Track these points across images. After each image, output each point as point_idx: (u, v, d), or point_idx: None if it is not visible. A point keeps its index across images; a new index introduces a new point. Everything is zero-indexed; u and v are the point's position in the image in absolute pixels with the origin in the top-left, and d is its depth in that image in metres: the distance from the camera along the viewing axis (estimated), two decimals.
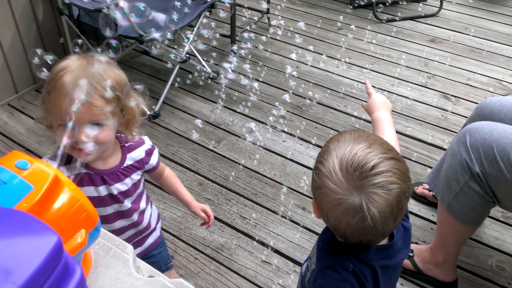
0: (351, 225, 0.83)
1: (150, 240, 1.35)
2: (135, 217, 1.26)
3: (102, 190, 1.16)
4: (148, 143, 1.25)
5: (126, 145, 1.20)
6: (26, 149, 2.37)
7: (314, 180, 0.90)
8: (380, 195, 0.81)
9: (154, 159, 1.25)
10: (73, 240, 0.69)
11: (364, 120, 2.63)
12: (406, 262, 1.81)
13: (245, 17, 3.45)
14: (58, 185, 0.69)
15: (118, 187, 1.18)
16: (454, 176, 1.54)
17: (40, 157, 2.28)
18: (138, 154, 1.22)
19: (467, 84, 2.96)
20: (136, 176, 1.21)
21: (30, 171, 0.68)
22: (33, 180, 0.67)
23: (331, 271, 0.91)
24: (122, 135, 1.19)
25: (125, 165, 1.18)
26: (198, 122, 2.55)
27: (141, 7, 1.39)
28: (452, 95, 2.86)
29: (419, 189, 2.15)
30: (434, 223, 2.03)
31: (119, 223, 1.23)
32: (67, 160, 1.11)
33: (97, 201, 1.15)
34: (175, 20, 2.21)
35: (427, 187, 2.12)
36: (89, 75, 1.02)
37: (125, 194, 1.20)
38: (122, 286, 0.75)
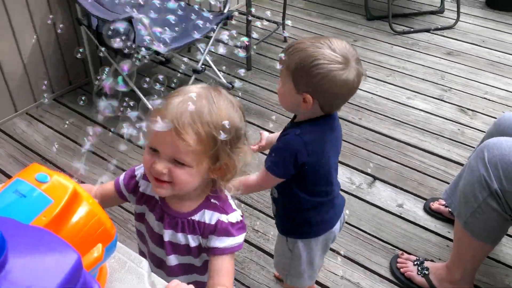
0: (344, 94, 1.22)
1: None
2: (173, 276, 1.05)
3: (156, 226, 1.04)
4: (235, 216, 1.00)
5: (212, 200, 1.00)
6: (42, 158, 2.40)
7: (316, 74, 1.13)
8: (361, 69, 1.22)
9: (221, 241, 0.97)
10: (89, 255, 0.69)
11: (379, 133, 2.61)
12: (422, 280, 1.78)
13: (260, 28, 3.47)
14: (77, 198, 0.70)
15: (171, 235, 1.02)
16: (472, 192, 1.52)
17: (57, 166, 2.30)
18: (209, 216, 0.99)
19: (484, 98, 2.92)
20: (191, 239, 1.01)
21: (50, 184, 0.68)
22: (52, 193, 0.67)
23: (292, 133, 1.24)
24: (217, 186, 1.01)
25: (192, 217, 1.00)
26: None
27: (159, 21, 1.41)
28: (469, 109, 2.83)
29: (435, 205, 2.12)
30: (450, 240, 2.00)
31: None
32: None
33: (152, 235, 1.06)
34: (191, 33, 2.23)
35: (443, 203, 2.09)
36: (197, 107, 0.88)
37: (175, 248, 1.03)
38: None
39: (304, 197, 1.31)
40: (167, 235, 1.02)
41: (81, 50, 2.51)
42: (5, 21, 2.45)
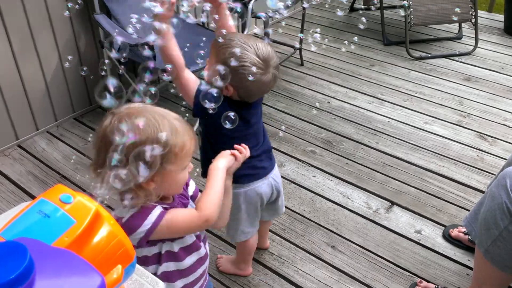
0: (260, 91, 1.43)
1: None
2: (202, 250, 1.24)
3: None
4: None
5: None
6: (61, 176, 2.44)
7: (240, 73, 1.32)
8: (278, 74, 1.41)
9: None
10: (109, 276, 0.69)
11: (396, 157, 2.59)
12: None
13: (278, 52, 3.51)
14: (99, 219, 0.70)
15: None
16: (493, 220, 1.49)
17: (78, 186, 2.32)
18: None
19: (504, 125, 2.89)
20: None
21: (73, 205, 0.69)
22: (75, 214, 0.68)
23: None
24: None
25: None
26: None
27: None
28: (488, 135, 2.79)
29: (455, 232, 2.08)
30: (470, 268, 1.95)
31: (189, 260, 1.21)
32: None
33: None
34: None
35: (463, 230, 2.05)
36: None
37: None
38: None
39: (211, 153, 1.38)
40: None
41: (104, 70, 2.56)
42: (30, 44, 2.53)
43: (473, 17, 3.60)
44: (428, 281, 1.88)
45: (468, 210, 2.24)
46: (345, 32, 4.01)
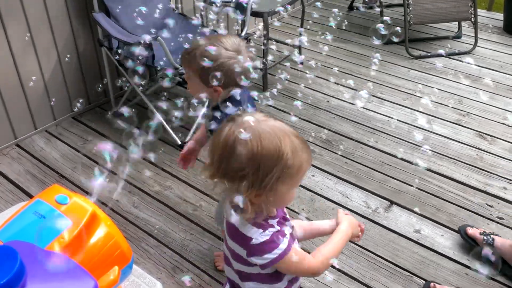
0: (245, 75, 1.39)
1: None
2: None
3: (289, 227, 1.14)
4: None
5: None
6: (60, 175, 2.43)
7: (220, 71, 1.35)
8: (252, 54, 1.46)
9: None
10: (106, 277, 0.69)
11: (395, 157, 2.58)
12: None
13: (278, 51, 3.50)
14: (95, 220, 0.70)
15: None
16: None
17: (74, 184, 2.31)
18: None
19: (503, 124, 2.88)
20: None
21: (69, 206, 0.69)
22: (72, 215, 0.68)
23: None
24: None
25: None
26: None
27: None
28: (487, 134, 2.79)
29: (472, 230, 2.01)
30: (469, 267, 1.95)
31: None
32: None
33: (292, 239, 1.11)
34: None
35: (481, 231, 2.00)
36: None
37: None
38: None
39: None
40: None
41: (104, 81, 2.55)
42: (28, 42, 2.52)
43: (472, 15, 3.60)
44: (439, 284, 1.85)
45: (468, 210, 2.24)
46: (344, 31, 4.00)
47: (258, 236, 1.02)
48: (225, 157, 0.97)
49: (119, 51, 2.53)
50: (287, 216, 1.17)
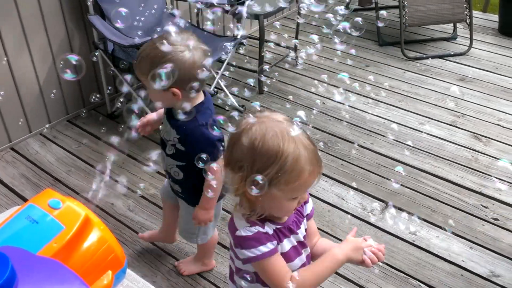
0: (198, 70, 1.32)
1: None
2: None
3: (293, 240, 1.13)
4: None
5: None
6: (54, 178, 2.42)
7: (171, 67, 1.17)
8: (203, 46, 1.39)
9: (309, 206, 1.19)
10: (99, 282, 0.69)
11: (391, 158, 2.59)
12: None
13: (274, 53, 3.50)
14: (88, 225, 0.70)
15: (303, 231, 1.15)
16: None
17: (69, 187, 2.31)
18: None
19: (498, 125, 2.89)
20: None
21: (62, 210, 0.69)
22: (64, 219, 0.68)
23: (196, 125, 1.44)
24: None
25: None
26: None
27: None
28: (482, 135, 2.80)
29: None
30: (464, 269, 1.96)
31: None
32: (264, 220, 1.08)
33: (294, 253, 1.12)
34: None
35: None
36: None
37: (305, 238, 1.17)
38: None
39: None
40: (301, 234, 1.14)
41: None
42: (23, 45, 2.51)
43: (468, 17, 3.61)
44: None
45: (463, 211, 2.25)
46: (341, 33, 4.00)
47: (242, 229, 1.03)
48: (231, 145, 1.01)
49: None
50: (304, 219, 1.15)
